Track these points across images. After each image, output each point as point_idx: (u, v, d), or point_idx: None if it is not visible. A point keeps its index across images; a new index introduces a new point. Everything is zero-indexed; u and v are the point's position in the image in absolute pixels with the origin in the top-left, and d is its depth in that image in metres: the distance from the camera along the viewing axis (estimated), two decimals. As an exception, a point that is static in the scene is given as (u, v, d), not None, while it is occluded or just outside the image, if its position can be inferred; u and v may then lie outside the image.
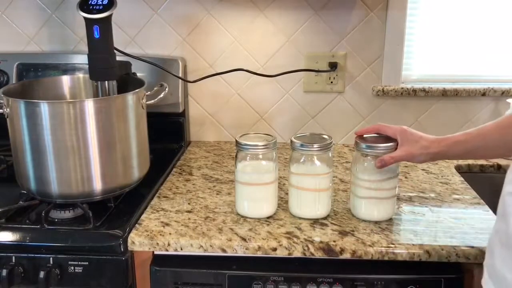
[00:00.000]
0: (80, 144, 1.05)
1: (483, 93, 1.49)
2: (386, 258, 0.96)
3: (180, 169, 1.37)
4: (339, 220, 1.07)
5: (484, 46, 1.52)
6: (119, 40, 1.38)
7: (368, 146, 1.02)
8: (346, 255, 0.96)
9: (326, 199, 1.06)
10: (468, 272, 0.98)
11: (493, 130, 0.91)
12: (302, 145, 1.03)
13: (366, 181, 1.03)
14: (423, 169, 1.35)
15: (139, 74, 1.33)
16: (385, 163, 1.00)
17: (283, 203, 1.13)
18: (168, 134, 1.51)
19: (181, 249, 0.99)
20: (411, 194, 1.20)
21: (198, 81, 1.48)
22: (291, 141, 1.05)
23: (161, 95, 1.22)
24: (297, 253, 0.97)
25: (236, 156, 1.07)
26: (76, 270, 0.99)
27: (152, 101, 1.20)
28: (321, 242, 0.97)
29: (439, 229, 1.02)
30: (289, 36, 1.51)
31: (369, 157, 1.03)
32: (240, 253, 0.98)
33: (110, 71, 1.19)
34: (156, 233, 1.01)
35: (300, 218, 1.07)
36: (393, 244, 0.97)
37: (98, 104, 1.06)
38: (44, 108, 1.02)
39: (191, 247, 0.99)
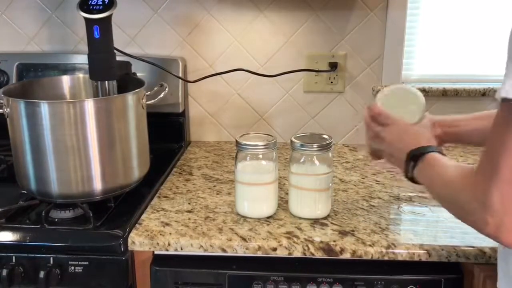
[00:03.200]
0: (80, 144, 1.05)
1: (483, 93, 1.49)
2: (386, 258, 0.96)
3: (180, 169, 1.37)
4: (339, 220, 1.07)
5: (484, 46, 1.52)
6: (119, 40, 1.38)
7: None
8: (346, 255, 0.96)
9: (326, 199, 1.06)
10: (468, 272, 0.98)
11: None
12: (302, 145, 1.03)
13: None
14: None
15: (139, 74, 1.33)
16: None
17: (283, 203, 1.13)
18: (168, 134, 1.51)
19: (181, 249, 0.99)
20: (411, 194, 1.20)
21: (198, 81, 1.48)
22: (291, 141, 1.05)
23: (161, 95, 1.22)
24: (297, 253, 0.97)
25: (236, 156, 1.07)
26: (76, 270, 0.99)
27: (152, 101, 1.20)
28: (321, 242, 0.97)
29: (439, 229, 1.02)
30: (289, 36, 1.51)
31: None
32: (240, 253, 0.98)
33: (110, 71, 1.19)
34: (156, 233, 1.01)
35: (300, 218, 1.07)
36: (393, 244, 0.97)
37: (98, 104, 1.06)
38: (44, 108, 1.02)
39: (191, 247, 0.99)
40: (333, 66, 1.50)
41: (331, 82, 1.53)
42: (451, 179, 0.76)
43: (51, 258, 0.99)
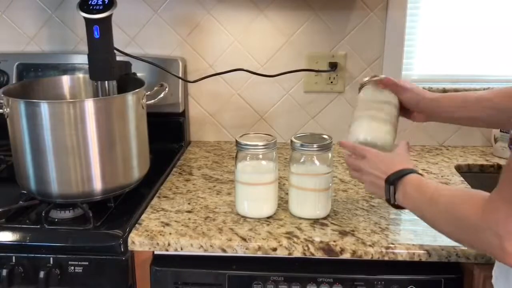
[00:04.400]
0: (80, 144, 1.05)
1: (483, 93, 1.49)
2: (386, 258, 0.96)
3: (180, 169, 1.37)
4: (339, 220, 1.07)
5: (484, 46, 1.51)
6: (119, 40, 1.38)
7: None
8: (346, 255, 0.96)
9: (326, 199, 1.06)
10: (468, 272, 0.98)
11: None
12: (302, 145, 1.03)
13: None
14: (423, 169, 1.35)
15: (139, 74, 1.33)
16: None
17: (283, 203, 1.13)
18: (168, 134, 1.51)
19: (181, 249, 0.99)
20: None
21: (198, 81, 1.48)
22: (291, 141, 1.05)
23: (161, 95, 1.22)
24: (297, 253, 0.97)
25: (236, 156, 1.07)
26: (76, 270, 0.99)
27: (152, 101, 1.20)
28: (321, 242, 0.97)
29: (439, 229, 1.02)
30: (289, 36, 1.50)
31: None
32: (240, 253, 0.98)
33: (110, 71, 1.19)
34: (156, 233, 1.01)
35: (300, 218, 1.07)
36: (393, 244, 0.97)
37: (98, 104, 1.06)
38: (44, 108, 1.02)
39: (191, 247, 0.99)
40: (333, 66, 1.50)
41: (331, 82, 1.53)
42: (451, 208, 0.76)
43: (51, 258, 0.99)
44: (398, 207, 0.91)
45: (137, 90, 1.13)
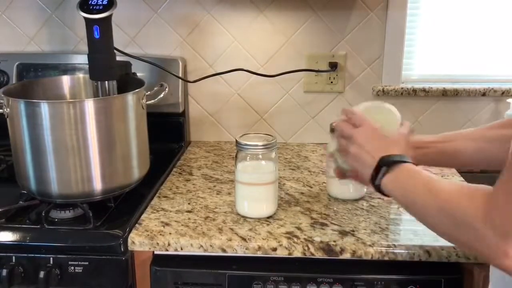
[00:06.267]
0: (80, 144, 1.05)
1: (483, 93, 1.49)
2: (386, 258, 0.96)
3: (180, 169, 1.37)
4: (339, 220, 1.07)
5: (484, 46, 1.52)
6: (119, 40, 1.38)
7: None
8: (346, 255, 0.96)
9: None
10: (468, 272, 0.98)
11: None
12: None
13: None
14: (423, 169, 1.35)
15: (139, 74, 1.33)
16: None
17: (283, 203, 1.13)
18: (168, 134, 1.51)
19: (181, 249, 0.99)
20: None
21: (198, 81, 1.48)
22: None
23: (161, 95, 1.22)
24: (297, 253, 0.97)
25: (236, 156, 1.07)
26: (76, 270, 0.99)
27: (152, 101, 1.20)
28: (321, 242, 0.97)
29: (439, 229, 1.02)
30: (289, 36, 1.51)
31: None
32: (240, 253, 0.98)
33: (110, 71, 1.19)
34: (156, 233, 1.01)
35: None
36: (393, 244, 0.97)
37: (98, 104, 1.06)
38: (44, 108, 1.02)
39: (191, 247, 0.99)
40: (333, 66, 1.50)
41: (331, 82, 1.53)
42: (448, 198, 0.70)
43: (51, 258, 0.99)
44: (379, 189, 0.85)
45: (137, 90, 1.13)
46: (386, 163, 0.83)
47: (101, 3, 1.13)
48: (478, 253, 0.66)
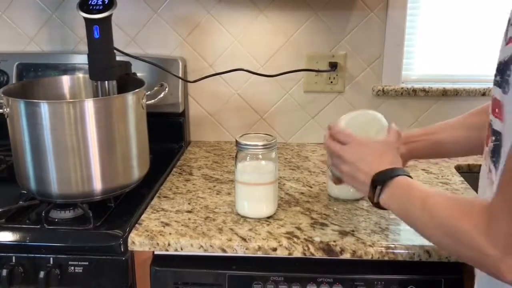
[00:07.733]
0: (80, 144, 1.05)
1: (483, 93, 1.49)
2: (386, 258, 0.96)
3: (180, 169, 1.37)
4: (339, 220, 1.07)
5: (484, 46, 1.51)
6: (119, 40, 1.38)
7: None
8: (346, 255, 0.96)
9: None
10: (468, 272, 0.97)
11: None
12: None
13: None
14: (423, 169, 1.35)
15: (139, 74, 1.33)
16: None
17: (283, 203, 1.13)
18: (168, 134, 1.51)
19: (181, 249, 0.99)
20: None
21: (198, 81, 1.48)
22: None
23: (161, 95, 1.22)
24: (297, 253, 0.97)
25: (236, 156, 1.07)
26: (76, 270, 0.99)
27: (152, 101, 1.20)
28: (321, 242, 0.97)
29: (439, 229, 1.02)
30: (289, 36, 1.51)
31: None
32: (240, 253, 0.98)
33: (110, 71, 1.19)
34: (156, 233, 1.01)
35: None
36: (393, 244, 0.97)
37: (98, 104, 1.06)
38: (44, 108, 1.02)
39: (191, 247, 0.99)
40: (333, 66, 1.50)
41: (331, 82, 1.53)
42: (446, 217, 0.69)
43: (51, 258, 0.99)
44: (380, 206, 0.85)
45: (137, 90, 1.13)
46: (379, 182, 0.83)
47: (101, 3, 1.13)
48: (483, 270, 0.65)
